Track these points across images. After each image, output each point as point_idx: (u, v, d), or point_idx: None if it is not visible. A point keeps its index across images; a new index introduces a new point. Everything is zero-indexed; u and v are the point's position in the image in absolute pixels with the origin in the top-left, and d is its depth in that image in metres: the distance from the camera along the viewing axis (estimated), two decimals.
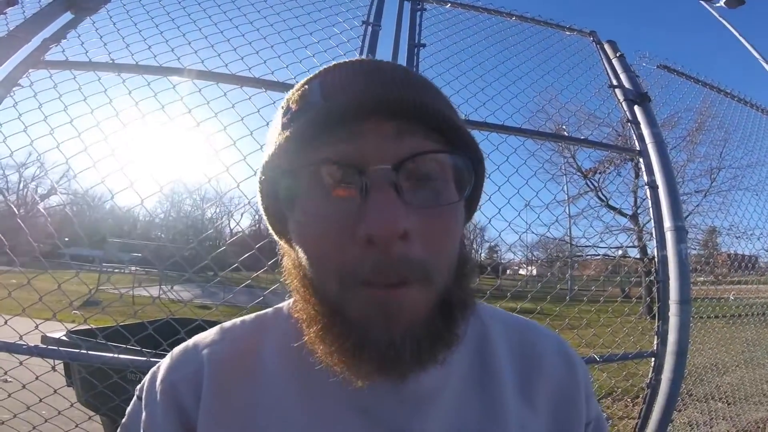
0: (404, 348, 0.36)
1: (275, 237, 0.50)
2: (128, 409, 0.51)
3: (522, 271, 26.95)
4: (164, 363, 0.50)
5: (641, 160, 2.02)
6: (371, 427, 0.43)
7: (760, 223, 2.92)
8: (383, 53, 2.01)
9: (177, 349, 0.51)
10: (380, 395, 0.44)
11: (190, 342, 0.51)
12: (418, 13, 2.24)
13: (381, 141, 0.36)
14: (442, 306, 0.38)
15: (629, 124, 2.11)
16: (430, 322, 0.37)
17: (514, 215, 2.19)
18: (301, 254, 0.41)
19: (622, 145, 2.12)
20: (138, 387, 0.51)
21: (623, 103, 2.18)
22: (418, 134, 0.38)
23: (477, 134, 1.92)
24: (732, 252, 3.18)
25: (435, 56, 2.21)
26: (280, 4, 1.99)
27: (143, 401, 0.48)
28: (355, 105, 0.37)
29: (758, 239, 2.97)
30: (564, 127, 3.09)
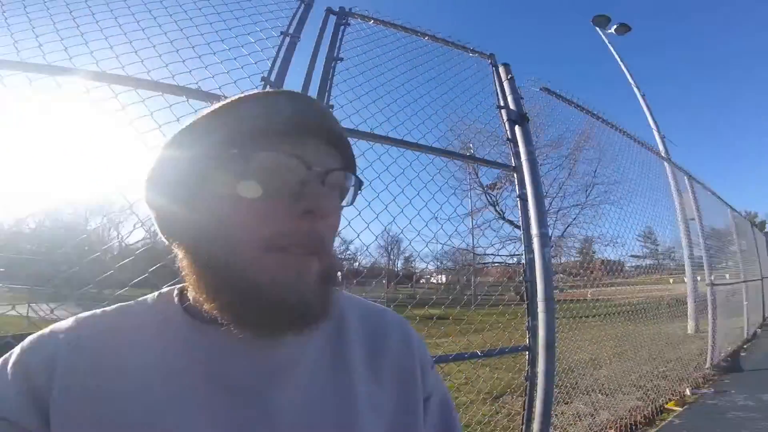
0: (311, 305, 0.47)
1: (161, 233, 0.56)
2: None
3: (433, 280, 28.07)
4: (17, 349, 0.49)
5: (515, 175, 2.27)
6: (234, 401, 0.47)
7: (622, 232, 3.41)
8: (298, 64, 2.02)
9: (32, 336, 0.50)
10: (240, 369, 0.49)
11: (45, 330, 0.51)
12: (342, 27, 2.28)
13: (318, 153, 0.51)
14: (326, 276, 0.49)
15: (508, 142, 2.35)
16: (321, 286, 0.48)
17: (423, 226, 2.32)
18: (216, 229, 0.48)
19: (500, 162, 2.34)
20: None
21: (506, 123, 2.40)
22: (335, 155, 0.54)
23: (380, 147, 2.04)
24: (604, 258, 3.64)
25: (350, 71, 2.26)
26: (195, 9, 1.93)
27: None
28: (311, 124, 0.51)
29: (621, 246, 3.48)
30: (471, 144, 3.33)
